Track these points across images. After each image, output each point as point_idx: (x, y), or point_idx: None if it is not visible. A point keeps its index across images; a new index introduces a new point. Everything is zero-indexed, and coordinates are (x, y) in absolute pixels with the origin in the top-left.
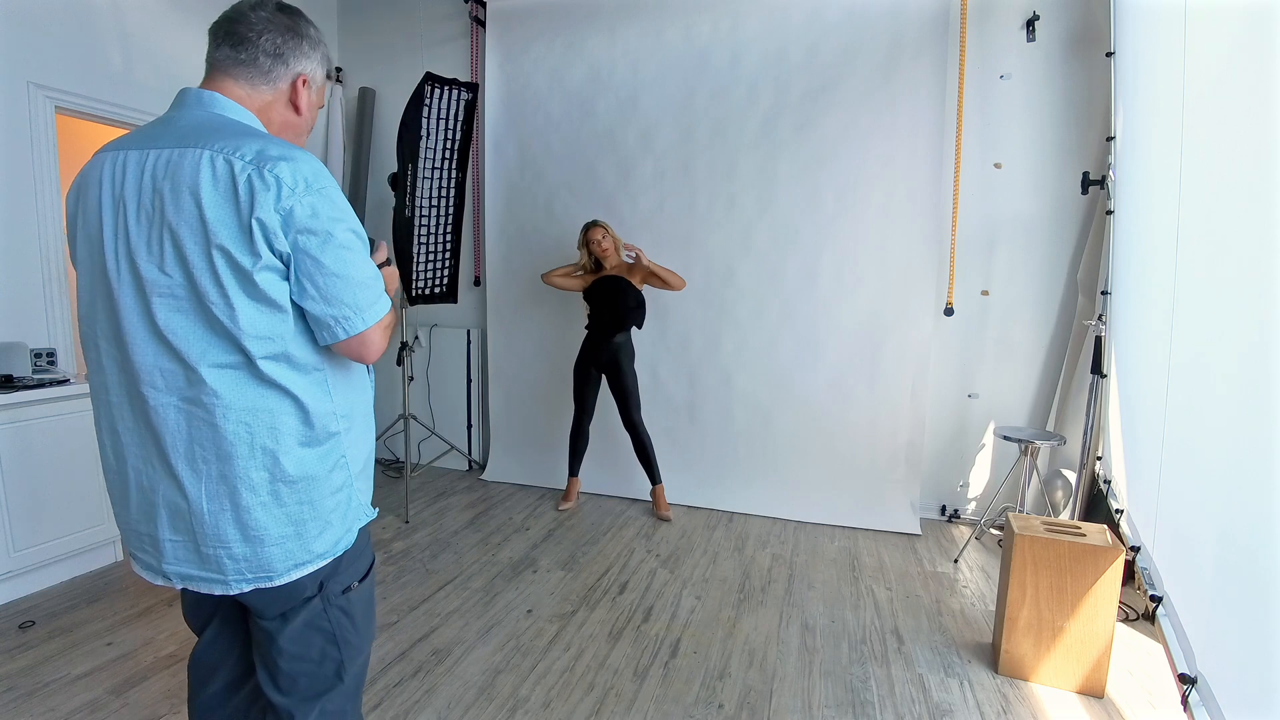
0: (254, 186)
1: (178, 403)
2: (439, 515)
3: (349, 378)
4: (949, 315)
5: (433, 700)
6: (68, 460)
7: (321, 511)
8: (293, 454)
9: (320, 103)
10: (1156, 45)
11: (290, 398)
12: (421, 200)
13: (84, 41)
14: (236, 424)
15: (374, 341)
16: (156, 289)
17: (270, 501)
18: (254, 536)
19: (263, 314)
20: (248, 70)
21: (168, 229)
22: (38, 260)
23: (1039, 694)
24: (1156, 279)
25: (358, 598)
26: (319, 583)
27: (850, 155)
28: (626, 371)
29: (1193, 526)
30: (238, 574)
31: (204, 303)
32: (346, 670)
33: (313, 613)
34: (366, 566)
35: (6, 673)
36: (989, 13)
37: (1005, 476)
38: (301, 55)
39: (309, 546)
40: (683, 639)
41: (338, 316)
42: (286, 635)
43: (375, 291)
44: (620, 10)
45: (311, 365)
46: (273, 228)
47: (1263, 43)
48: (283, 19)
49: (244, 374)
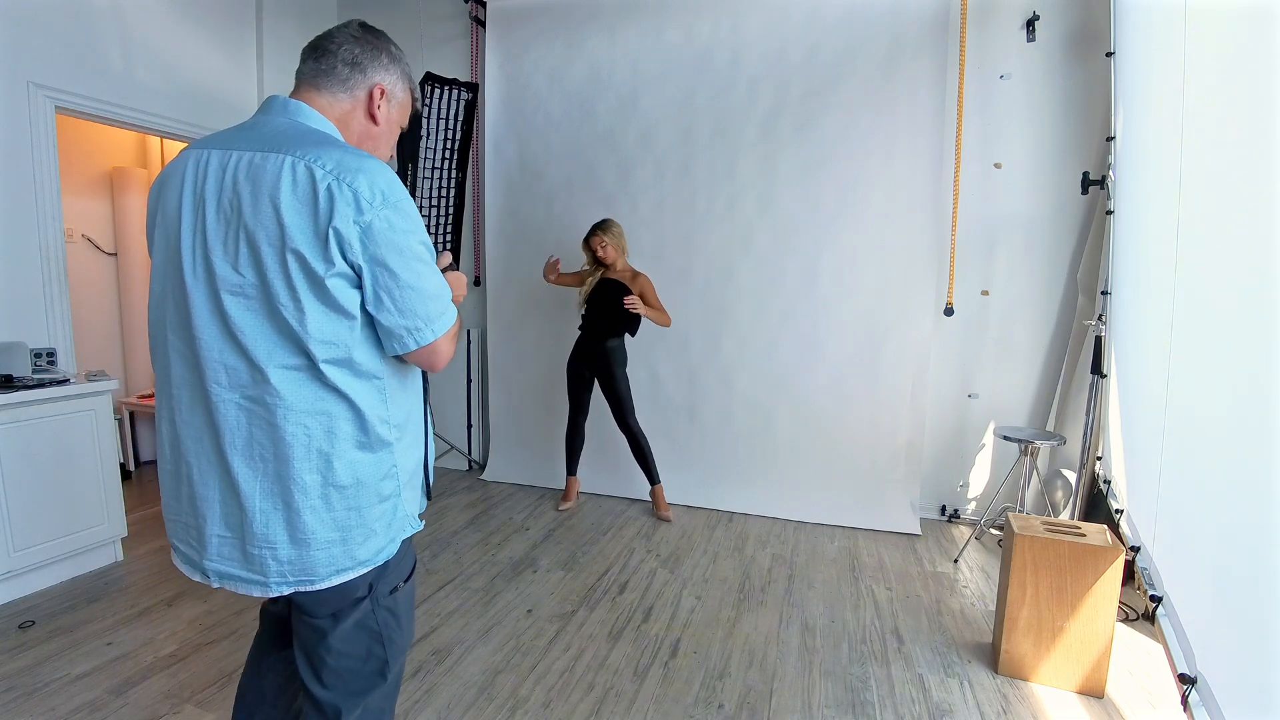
0: (333, 196)
1: (240, 400)
2: (439, 515)
3: (405, 387)
4: (949, 315)
5: (433, 700)
6: (68, 460)
7: (368, 519)
8: (346, 459)
9: (401, 120)
10: (1156, 45)
11: (348, 403)
12: (421, 200)
13: (84, 41)
14: (296, 425)
15: (442, 350)
16: (228, 286)
17: (320, 505)
18: (301, 539)
19: (330, 320)
20: (328, 80)
21: (244, 230)
22: (38, 260)
23: (1039, 694)
24: (1156, 279)
25: (403, 598)
26: (369, 584)
27: (850, 155)
28: (617, 376)
29: (1193, 526)
30: (280, 576)
31: (275, 304)
32: (390, 668)
33: (362, 613)
34: (410, 567)
35: (6, 673)
36: (989, 13)
37: (1005, 476)
38: (380, 67)
39: (353, 553)
40: (683, 639)
41: (410, 328)
42: (338, 634)
43: (444, 302)
44: (620, 10)
45: (371, 373)
46: (349, 239)
47: (1263, 43)
48: (364, 34)
49: (306, 376)
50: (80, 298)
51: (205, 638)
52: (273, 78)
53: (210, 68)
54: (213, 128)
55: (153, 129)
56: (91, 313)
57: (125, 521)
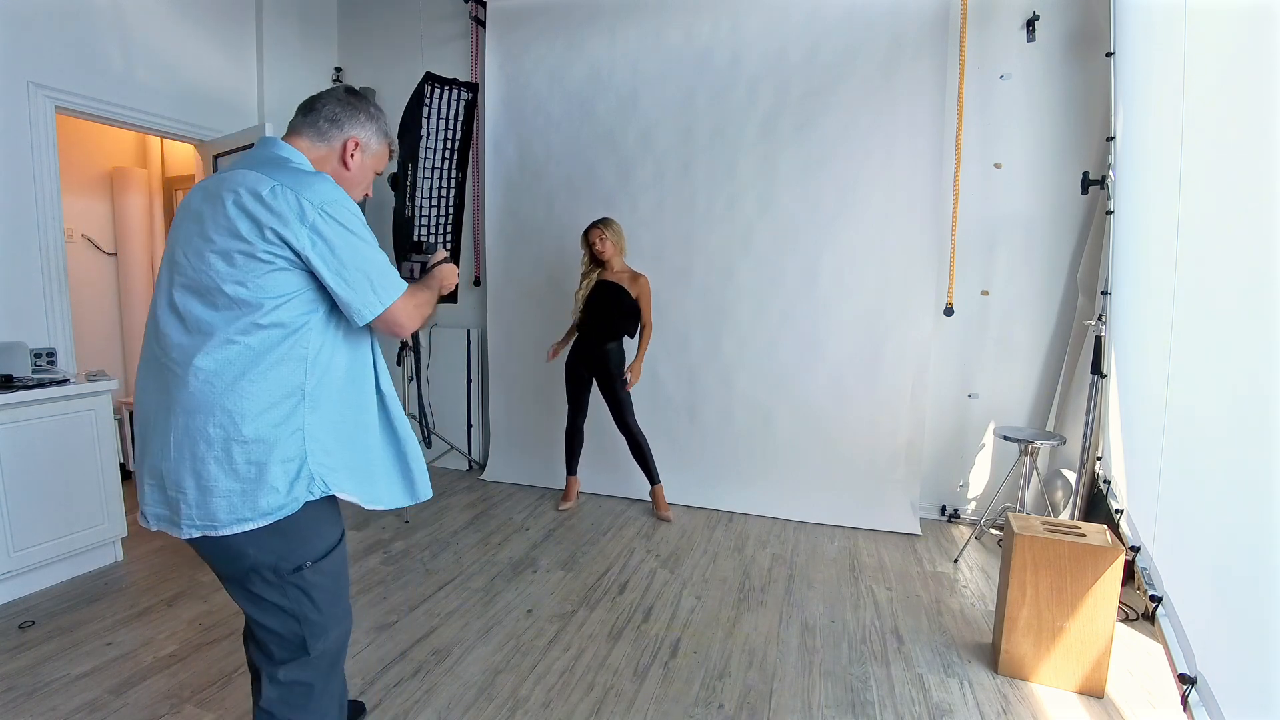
0: (278, 195)
1: (169, 363)
2: (439, 515)
3: (337, 367)
4: (949, 315)
5: (433, 700)
6: (68, 460)
7: (269, 476)
8: (250, 418)
9: (376, 166)
10: (1157, 45)
11: (261, 361)
12: (421, 200)
13: (84, 41)
14: (204, 383)
15: (399, 320)
16: (180, 271)
17: (222, 457)
18: (205, 486)
19: (258, 291)
20: (310, 130)
21: (199, 222)
22: (38, 260)
23: (1039, 694)
24: (1156, 279)
25: (315, 578)
26: (267, 560)
27: (850, 155)
28: (615, 377)
29: (1193, 526)
30: (189, 520)
31: (215, 282)
32: (311, 645)
33: (271, 587)
34: (325, 548)
35: (6, 673)
36: (989, 13)
37: (1005, 476)
38: (357, 124)
39: (254, 504)
40: (683, 639)
41: (361, 301)
42: (249, 603)
43: (387, 278)
44: (620, 10)
45: (296, 342)
46: (293, 230)
47: (1263, 43)
48: (348, 97)
49: (224, 340)
50: (80, 298)
51: (205, 638)
52: (273, 78)
53: (210, 68)
54: (212, 127)
55: (153, 129)
56: (91, 313)
57: (125, 521)
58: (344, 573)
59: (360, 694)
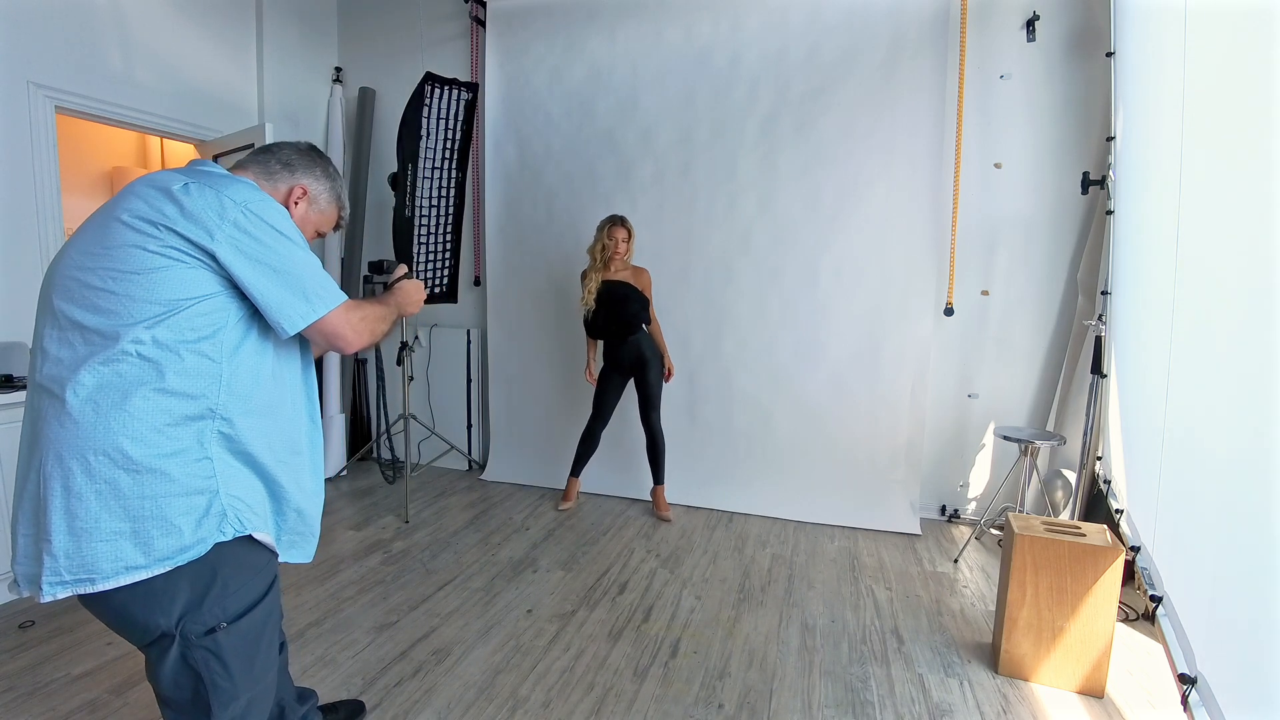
0: (191, 192)
1: (45, 383)
2: (439, 515)
3: (258, 384)
4: (949, 315)
5: (433, 700)
6: None
7: (168, 512)
8: (143, 441)
9: (320, 225)
10: (1156, 45)
11: (157, 376)
12: (421, 200)
13: (84, 41)
14: (84, 402)
15: (338, 331)
16: (65, 279)
17: (106, 490)
18: (79, 529)
19: (155, 294)
20: (259, 168)
21: (96, 228)
22: (38, 260)
23: (1039, 694)
24: (1156, 279)
25: (229, 641)
26: (178, 619)
27: (850, 155)
28: (652, 367)
29: (1193, 526)
30: (52, 573)
31: (105, 283)
32: (216, 713)
33: (177, 651)
34: (246, 603)
35: (6, 673)
36: (989, 13)
37: (1005, 476)
38: (308, 173)
39: (148, 547)
40: (683, 639)
41: (287, 311)
42: (163, 670)
43: (323, 285)
44: (620, 10)
45: (204, 354)
46: (205, 227)
47: (1263, 43)
48: (309, 151)
49: (112, 352)
50: None
51: None
52: (273, 78)
53: (210, 68)
54: (212, 128)
55: (153, 129)
56: None
57: None
58: (268, 629)
59: (360, 694)
